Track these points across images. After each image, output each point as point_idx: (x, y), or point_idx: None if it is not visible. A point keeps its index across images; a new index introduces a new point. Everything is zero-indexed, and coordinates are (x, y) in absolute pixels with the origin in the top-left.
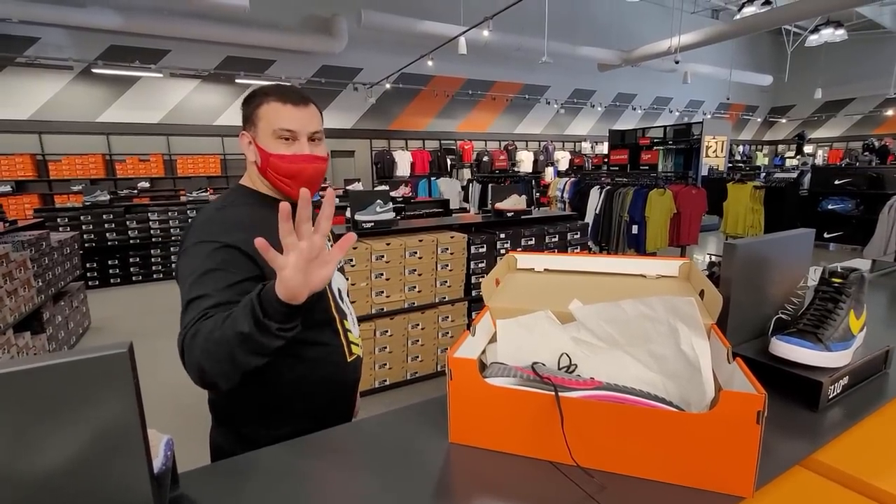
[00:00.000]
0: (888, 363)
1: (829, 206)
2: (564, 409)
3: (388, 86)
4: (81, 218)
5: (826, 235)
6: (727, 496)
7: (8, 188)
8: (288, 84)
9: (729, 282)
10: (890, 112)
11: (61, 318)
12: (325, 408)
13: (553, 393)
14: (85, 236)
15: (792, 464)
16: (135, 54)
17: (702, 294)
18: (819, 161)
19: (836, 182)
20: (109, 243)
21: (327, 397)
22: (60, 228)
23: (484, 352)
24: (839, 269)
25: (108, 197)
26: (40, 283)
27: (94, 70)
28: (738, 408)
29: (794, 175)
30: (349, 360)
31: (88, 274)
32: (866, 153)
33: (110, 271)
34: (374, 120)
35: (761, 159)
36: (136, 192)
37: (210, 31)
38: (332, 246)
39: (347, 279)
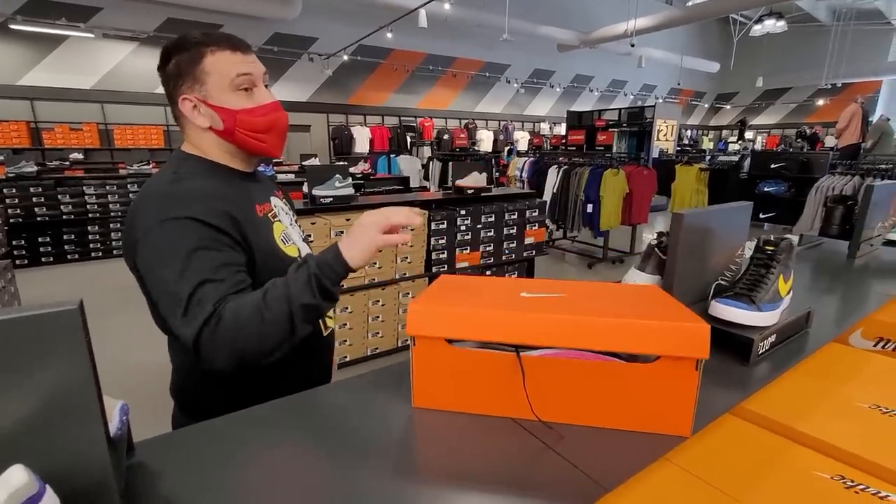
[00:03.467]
0: (809, 323)
1: (765, 189)
2: (524, 367)
3: (345, 57)
4: (5, 191)
5: (762, 216)
6: (669, 437)
7: None
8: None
9: (675, 248)
10: (821, 102)
11: None
12: (304, 385)
13: (514, 353)
14: (10, 211)
15: (723, 411)
16: (60, 10)
17: None
18: (758, 146)
19: (772, 166)
20: (39, 219)
21: (306, 374)
22: None
23: None
24: (772, 238)
25: (35, 168)
26: None
27: (12, 26)
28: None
29: (736, 159)
30: (325, 334)
31: (16, 252)
32: (799, 140)
33: (41, 249)
34: (332, 93)
35: (707, 143)
36: (67, 163)
37: None
38: (294, 219)
39: (308, 246)
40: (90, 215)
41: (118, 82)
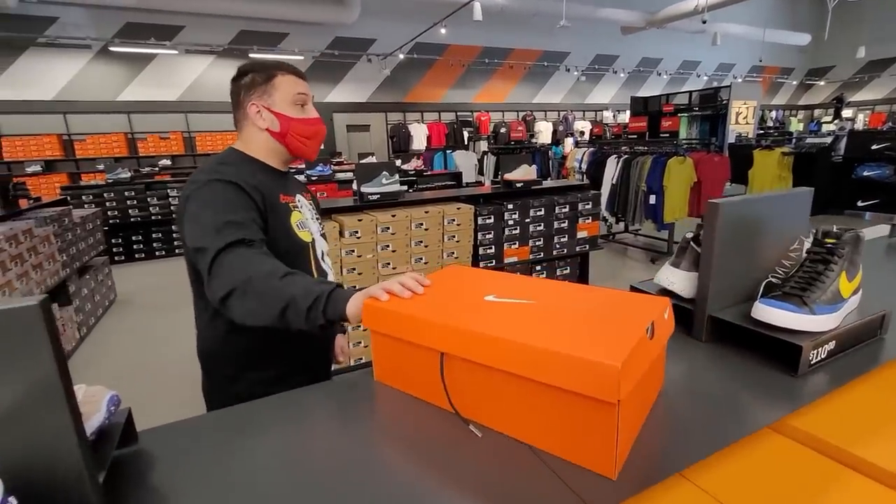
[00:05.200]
0: (884, 328)
1: (865, 173)
2: (447, 365)
3: (401, 56)
4: (105, 195)
5: (860, 204)
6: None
7: (38, 167)
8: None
9: (711, 242)
10: None
11: (87, 290)
12: (306, 353)
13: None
14: (109, 213)
15: (761, 426)
16: (150, 31)
17: None
18: (859, 125)
19: (874, 147)
20: (132, 219)
21: (306, 344)
22: (86, 205)
23: None
24: (834, 230)
25: (129, 174)
26: (65, 258)
27: (112, 48)
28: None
29: (828, 140)
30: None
31: (114, 249)
32: None
33: (134, 246)
34: (389, 92)
35: (796, 125)
36: (157, 169)
37: (222, 5)
38: (316, 216)
39: (327, 243)
40: (174, 216)
41: (198, 93)
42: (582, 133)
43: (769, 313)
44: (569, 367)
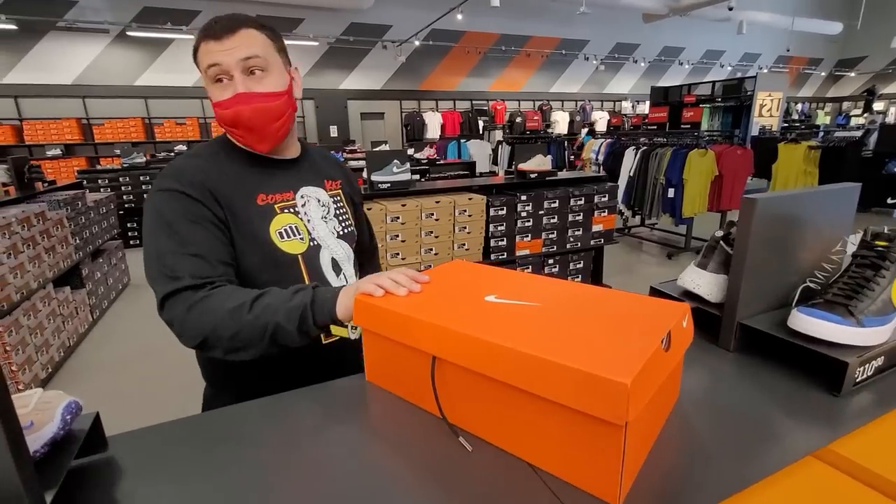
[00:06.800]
0: None
1: None
2: (439, 369)
3: (417, 43)
4: (120, 179)
5: (890, 201)
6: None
7: (58, 151)
8: (225, 15)
9: (745, 242)
10: None
11: (100, 274)
12: (317, 364)
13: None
14: (124, 197)
15: (803, 454)
16: (166, 16)
17: None
18: (891, 119)
19: None
20: None
21: (315, 366)
22: (101, 189)
23: None
24: (886, 231)
25: (144, 159)
26: (77, 241)
27: (129, 33)
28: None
29: (858, 134)
30: (325, 342)
31: (130, 234)
32: None
33: None
34: (404, 80)
35: (822, 118)
36: (173, 154)
37: None
38: (335, 212)
39: (350, 243)
40: None
41: None
42: (591, 125)
43: (810, 324)
44: (568, 381)
